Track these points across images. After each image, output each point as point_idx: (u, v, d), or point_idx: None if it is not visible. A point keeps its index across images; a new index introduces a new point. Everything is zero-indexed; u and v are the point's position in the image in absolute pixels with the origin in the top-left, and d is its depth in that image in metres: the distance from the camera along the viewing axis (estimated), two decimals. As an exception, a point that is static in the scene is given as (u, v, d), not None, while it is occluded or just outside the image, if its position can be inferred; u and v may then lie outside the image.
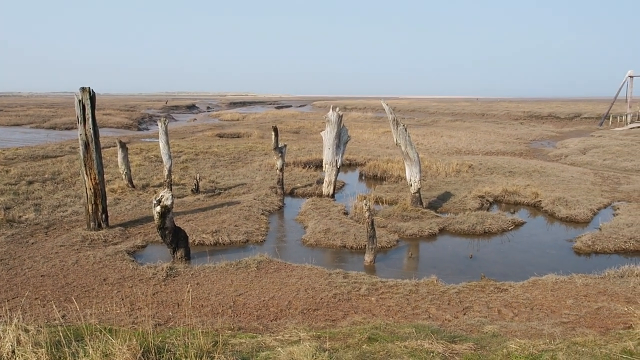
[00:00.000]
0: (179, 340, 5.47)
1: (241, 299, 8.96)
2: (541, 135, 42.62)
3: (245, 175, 22.38)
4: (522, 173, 22.45)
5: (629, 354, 5.58)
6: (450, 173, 22.38)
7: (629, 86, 52.84)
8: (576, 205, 16.29)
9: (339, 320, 8.02)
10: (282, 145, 19.45)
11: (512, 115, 66.55)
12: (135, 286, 9.51)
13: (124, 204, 16.71)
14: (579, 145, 32.38)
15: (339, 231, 13.54)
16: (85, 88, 13.18)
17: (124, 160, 19.10)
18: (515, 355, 5.66)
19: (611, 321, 7.80)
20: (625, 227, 13.65)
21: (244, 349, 5.80)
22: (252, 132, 42.10)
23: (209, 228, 13.66)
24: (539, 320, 7.99)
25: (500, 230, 14.33)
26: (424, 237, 13.80)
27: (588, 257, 12.25)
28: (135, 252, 12.06)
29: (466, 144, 34.21)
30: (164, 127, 18.33)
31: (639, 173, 23.25)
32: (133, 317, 7.91)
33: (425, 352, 5.79)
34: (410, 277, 10.27)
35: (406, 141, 15.91)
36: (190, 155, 27.64)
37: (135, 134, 47.03)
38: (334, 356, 5.60)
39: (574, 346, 5.89)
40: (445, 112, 77.63)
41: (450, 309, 8.59)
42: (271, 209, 16.63)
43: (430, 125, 53.26)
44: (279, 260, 11.20)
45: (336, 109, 18.59)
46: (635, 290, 9.20)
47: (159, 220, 10.86)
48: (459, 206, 16.74)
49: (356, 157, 27.35)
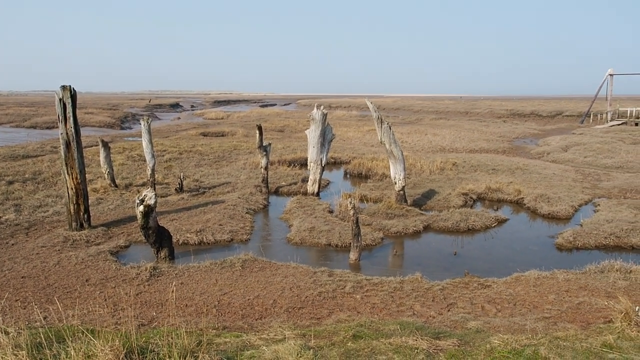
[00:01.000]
0: (163, 341, 5.43)
1: (226, 298, 8.92)
2: (524, 133, 43.06)
3: (229, 174, 22.28)
4: (505, 170, 22.66)
5: (609, 348, 5.67)
6: (434, 171, 22.52)
7: (609, 84, 53.60)
8: (558, 202, 16.49)
9: (324, 318, 8.02)
10: (267, 144, 19.41)
11: (496, 114, 67.15)
12: (118, 286, 9.42)
13: (107, 203, 16.54)
14: (561, 143, 32.77)
15: (324, 229, 13.55)
16: (66, 86, 13.01)
17: (107, 159, 18.90)
18: (499, 351, 5.72)
19: (592, 316, 7.91)
20: (606, 223, 13.85)
21: (228, 348, 5.78)
22: (236, 131, 41.93)
23: (193, 227, 13.58)
24: (521, 315, 8.08)
25: (484, 227, 14.45)
26: (408, 234, 13.87)
27: (569, 253, 12.41)
28: (118, 252, 11.95)
29: (450, 141, 34.44)
30: (147, 126, 18.17)
31: (618, 170, 23.61)
32: (116, 318, 7.83)
33: (410, 348, 5.82)
34: (395, 274, 10.31)
35: (390, 139, 15.97)
36: (174, 154, 27.45)
37: (118, 132, 46.57)
38: (319, 354, 5.60)
39: (556, 341, 5.97)
40: (430, 111, 78.06)
41: (434, 306, 8.64)
42: (256, 207, 16.58)
43: (415, 123, 53.52)
44: (263, 259, 11.18)
45: (321, 107, 18.59)
46: (615, 285, 9.35)
47: (142, 220, 10.77)
48: (443, 203, 16.84)
49: (341, 156, 27.39)
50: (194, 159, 26.29)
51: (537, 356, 5.51)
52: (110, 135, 41.56)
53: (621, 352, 5.58)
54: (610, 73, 53.19)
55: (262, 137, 18.96)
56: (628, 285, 9.35)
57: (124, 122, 58.57)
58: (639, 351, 5.60)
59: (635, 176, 21.27)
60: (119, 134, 43.84)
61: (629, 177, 21.15)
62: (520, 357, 5.53)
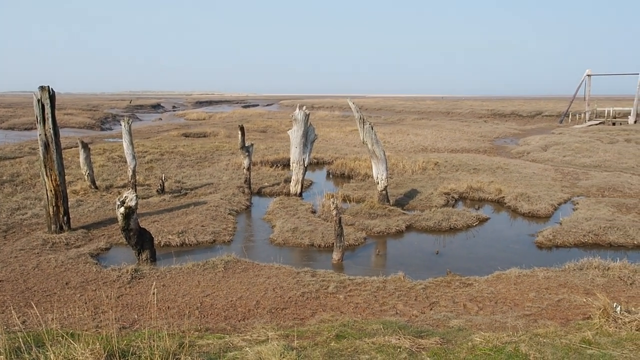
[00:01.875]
0: (145, 343, 5.38)
1: (208, 300, 8.87)
2: (504, 133, 43.53)
3: (212, 175, 22.16)
4: (486, 170, 22.89)
5: (588, 344, 5.77)
6: (416, 171, 22.65)
7: (587, 85, 54.49)
8: (538, 200, 16.71)
9: (307, 319, 8.02)
10: (249, 145, 19.35)
11: (477, 114, 67.80)
12: (99, 289, 9.31)
13: (87, 205, 16.33)
14: (540, 143, 33.19)
15: (307, 230, 13.55)
16: (44, 87, 12.83)
17: (87, 160, 18.67)
18: (480, 348, 5.77)
19: (571, 312, 8.04)
20: (584, 222, 14.07)
21: (211, 349, 5.75)
22: (218, 132, 41.71)
23: (175, 229, 13.48)
24: (502, 313, 8.17)
25: (466, 226, 14.58)
26: (391, 234, 13.94)
27: (549, 251, 12.58)
28: (98, 255, 11.81)
29: (432, 141, 34.68)
30: (127, 127, 17.99)
31: (596, 169, 23.99)
32: (97, 321, 7.74)
33: (393, 347, 5.85)
34: (377, 274, 10.35)
35: (373, 139, 16.03)
36: (156, 155, 27.21)
37: (98, 134, 46.03)
38: (302, 354, 5.60)
39: (536, 337, 6.05)
40: (412, 111, 78.52)
41: (417, 305, 8.69)
42: (238, 208, 16.52)
43: (397, 123, 53.80)
44: (246, 260, 11.14)
45: (303, 107, 18.59)
46: (594, 282, 9.51)
47: (123, 222, 10.66)
48: (425, 203, 16.96)
49: (323, 156, 27.41)
50: (176, 160, 26.09)
51: (517, 353, 5.57)
52: (90, 136, 41.04)
53: (599, 348, 5.67)
54: (588, 74, 54.07)
55: (244, 137, 18.90)
56: (606, 282, 9.52)
57: (104, 123, 57.90)
58: (616, 347, 5.70)
59: (613, 175, 21.64)
60: (99, 135, 43.33)
61: (606, 175, 21.51)
62: (501, 354, 5.59)
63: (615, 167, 24.13)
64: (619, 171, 22.91)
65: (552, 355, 5.51)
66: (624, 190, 18.63)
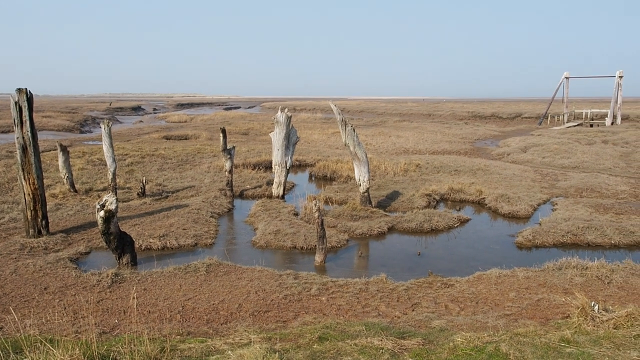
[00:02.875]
0: (125, 348, 5.33)
1: (190, 304, 8.81)
2: (485, 135, 43.98)
3: (193, 177, 22.02)
4: (467, 171, 23.10)
5: (566, 342, 5.85)
6: (398, 172, 22.78)
7: (565, 87, 55.31)
8: (518, 201, 16.91)
9: (290, 321, 8.01)
10: (231, 147, 19.27)
11: (457, 116, 68.39)
12: (78, 294, 9.19)
13: (66, 209, 16.10)
14: (520, 144, 33.61)
15: (289, 232, 13.53)
16: (21, 89, 12.64)
17: (65, 164, 18.42)
18: (461, 348, 5.83)
19: (550, 312, 8.15)
20: (563, 222, 14.28)
21: (192, 353, 5.71)
22: (200, 134, 41.46)
23: (156, 232, 13.37)
24: (483, 313, 8.25)
25: (447, 227, 14.70)
26: (373, 236, 13.98)
27: (529, 251, 12.74)
28: (78, 259, 11.65)
29: (413, 143, 34.90)
30: (107, 130, 17.79)
31: (575, 170, 24.37)
32: (76, 326, 7.63)
33: (375, 349, 5.87)
34: (360, 275, 10.39)
35: (354, 141, 16.08)
36: (136, 158, 26.94)
37: (77, 136, 45.43)
38: (284, 357, 5.59)
39: (516, 337, 6.12)
40: (393, 113, 78.90)
41: (399, 306, 8.74)
42: (220, 211, 16.44)
43: (379, 125, 54.02)
44: (228, 262, 11.09)
45: (285, 110, 18.59)
46: (573, 281, 9.65)
47: (103, 226, 10.54)
48: (407, 205, 17.05)
49: (306, 158, 27.41)
50: (157, 163, 25.87)
51: (498, 352, 5.64)
52: (69, 139, 40.50)
53: (578, 346, 5.76)
54: (566, 76, 54.91)
55: (226, 140, 18.82)
56: (584, 281, 9.67)
57: (83, 125, 57.16)
58: (594, 345, 5.80)
59: (591, 176, 22.00)
60: (79, 138, 42.79)
61: (584, 176, 21.86)
62: (482, 354, 5.65)
63: (593, 168, 24.54)
64: (596, 172, 23.31)
65: (532, 354, 5.59)
66: (602, 191, 18.96)
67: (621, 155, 27.82)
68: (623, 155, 27.84)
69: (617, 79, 51.53)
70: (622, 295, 8.99)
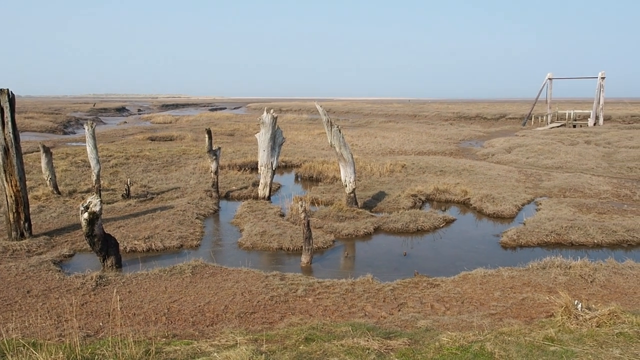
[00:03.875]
0: (110, 351, 5.28)
1: (176, 306, 8.75)
2: (470, 135, 44.29)
3: (178, 179, 21.88)
4: (452, 172, 23.25)
5: (550, 341, 5.91)
6: (384, 173, 22.85)
7: (548, 88, 55.94)
8: (502, 201, 17.06)
9: (276, 323, 8.00)
10: (217, 148, 19.20)
11: (443, 116, 68.81)
12: (62, 297, 9.08)
13: (49, 211, 15.91)
14: (505, 145, 33.91)
15: (276, 233, 13.51)
16: (3, 89, 12.47)
17: (48, 165, 18.20)
18: (447, 348, 5.86)
19: (535, 311, 8.23)
20: (547, 222, 14.43)
21: (178, 356, 5.67)
22: (185, 135, 41.22)
23: (141, 234, 13.26)
24: (469, 313, 8.31)
25: (433, 227, 14.78)
26: (359, 236, 14.01)
27: (514, 251, 12.86)
28: (62, 262, 11.52)
29: (399, 144, 35.04)
30: (91, 131, 17.61)
31: (558, 170, 24.65)
32: (60, 330, 7.54)
33: (362, 349, 5.88)
34: (346, 276, 10.40)
35: (340, 142, 16.10)
36: (121, 160, 26.71)
37: (60, 138, 44.92)
38: (271, 358, 5.58)
39: (501, 336, 6.17)
40: (379, 114, 79.17)
41: (385, 306, 8.77)
42: (206, 212, 16.35)
43: (365, 126, 54.16)
44: (214, 264, 11.03)
45: (271, 110, 18.55)
46: (556, 280, 9.76)
47: (87, 228, 10.43)
48: (393, 205, 17.11)
49: (292, 159, 27.39)
50: (142, 164, 25.67)
51: (483, 352, 5.68)
52: (52, 140, 40.04)
53: (562, 345, 5.82)
54: (549, 77, 55.54)
55: (211, 141, 18.74)
56: (568, 280, 9.79)
57: (66, 126, 56.51)
58: (578, 343, 5.87)
59: (574, 176, 22.27)
60: (62, 139, 42.31)
61: (567, 176, 22.12)
62: (468, 353, 5.69)
63: (576, 168, 24.85)
64: (579, 172, 23.60)
65: (517, 353, 5.63)
66: (584, 191, 19.19)
67: (603, 156, 28.20)
68: (605, 156, 28.23)
69: (599, 80, 52.23)
70: (605, 294, 9.11)
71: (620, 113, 60.16)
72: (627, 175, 22.98)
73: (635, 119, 55.90)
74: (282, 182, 22.25)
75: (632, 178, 22.22)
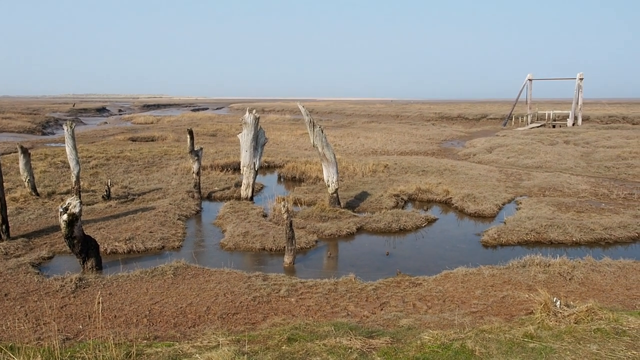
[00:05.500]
0: (89, 354, 5.23)
1: (157, 307, 8.68)
2: (451, 136, 44.64)
3: (160, 179, 21.70)
4: (434, 172, 23.41)
5: (530, 338, 5.99)
6: (366, 173, 22.92)
7: (528, 89, 56.66)
8: (483, 201, 17.23)
9: (258, 323, 7.98)
10: (199, 149, 19.08)
11: (425, 117, 69.24)
12: (41, 300, 8.95)
13: (27, 213, 15.66)
14: (486, 145, 34.25)
15: (258, 234, 13.48)
16: (-21, 90, 12.25)
17: (27, 166, 17.92)
18: (429, 346, 5.90)
19: (515, 308, 8.33)
20: (527, 220, 14.61)
21: (159, 358, 5.63)
22: (167, 136, 40.89)
23: (122, 235, 13.13)
24: (450, 311, 8.38)
25: (415, 227, 14.86)
26: (342, 236, 14.04)
27: (494, 250, 12.99)
28: (40, 264, 11.35)
29: (382, 144, 35.17)
30: (70, 131, 17.39)
31: (538, 169, 24.97)
32: (39, 333, 7.44)
33: (344, 348, 5.90)
34: (329, 276, 10.41)
35: (323, 142, 16.11)
36: (101, 160, 26.40)
37: (39, 138, 44.26)
38: (253, 359, 5.57)
39: (482, 333, 6.24)
40: (362, 114, 79.41)
41: (368, 306, 8.80)
42: (188, 213, 16.25)
43: (347, 126, 54.26)
44: (196, 265, 10.96)
45: (253, 111, 18.50)
46: (536, 278, 9.89)
47: (66, 229, 10.30)
48: (376, 205, 17.18)
49: (274, 159, 27.34)
50: (123, 165, 25.41)
51: (464, 349, 5.73)
52: (30, 141, 39.42)
53: (541, 341, 5.91)
54: (529, 78, 56.24)
55: (193, 141, 18.63)
56: (547, 278, 9.92)
57: (45, 127, 55.68)
58: (556, 340, 5.95)
59: (553, 175, 22.58)
60: (41, 140, 41.68)
61: (547, 176, 22.42)
62: (449, 351, 5.74)
63: (555, 167, 25.19)
64: (558, 171, 23.93)
65: (497, 350, 5.70)
66: (564, 190, 19.47)
67: (582, 155, 28.65)
68: (584, 155, 28.69)
69: (577, 81, 53.03)
70: (583, 291, 9.26)
71: (598, 113, 61.23)
72: (605, 174, 23.37)
73: (612, 119, 56.91)
74: (265, 183, 22.20)
75: (609, 177, 22.60)
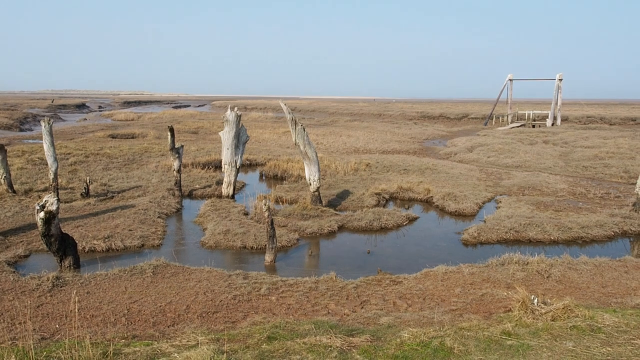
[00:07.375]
0: (65, 354, 5.15)
1: (136, 306, 8.58)
2: (433, 135, 44.94)
3: (140, 177, 21.47)
4: (415, 170, 23.54)
5: (508, 335, 6.06)
6: (348, 172, 22.96)
7: (509, 89, 57.30)
8: (464, 199, 17.38)
9: (239, 322, 7.94)
10: (180, 146, 18.92)
11: (407, 116, 69.60)
12: (16, 299, 8.78)
13: (3, 210, 15.37)
14: (467, 144, 34.54)
15: (239, 232, 13.41)
16: (-46, 84, 11.99)
17: (3, 163, 17.58)
18: (408, 344, 5.93)
19: (494, 306, 8.41)
20: (506, 219, 14.77)
21: (137, 357, 5.57)
22: (147, 133, 40.47)
23: (100, 234, 12.96)
24: (430, 309, 8.43)
25: (396, 225, 14.93)
26: (323, 235, 14.04)
27: (474, 248, 13.11)
28: (16, 263, 11.16)
29: (364, 143, 35.26)
30: (48, 127, 17.11)
31: (518, 169, 25.26)
32: (13, 333, 7.30)
33: (324, 347, 5.90)
34: (310, 274, 10.41)
35: (305, 141, 16.09)
36: (80, 157, 26.03)
37: (16, 134, 43.49)
38: (232, 358, 5.54)
39: (461, 331, 6.29)
40: (344, 112, 79.52)
41: (348, 304, 8.81)
42: (168, 211, 16.11)
43: (330, 125, 54.30)
44: (176, 264, 10.87)
45: (234, 108, 18.40)
46: (514, 276, 10.00)
47: (43, 227, 10.13)
48: (357, 203, 17.21)
49: (256, 157, 27.25)
50: (102, 162, 25.08)
51: (443, 347, 5.77)
52: (7, 137, 38.71)
53: (518, 339, 5.98)
54: (510, 78, 56.86)
55: (174, 138, 18.46)
56: (525, 276, 10.04)
57: (23, 123, 54.72)
58: (533, 337, 6.03)
59: (532, 174, 22.87)
60: (18, 136, 40.96)
61: (526, 175, 22.70)
62: (428, 348, 5.77)
63: (535, 167, 25.51)
64: (537, 171, 24.25)
65: (475, 347, 5.75)
66: (542, 189, 19.73)
67: (560, 155, 29.07)
68: (562, 155, 29.11)
69: (557, 81, 53.77)
70: (560, 289, 9.39)
71: (577, 114, 62.16)
72: (582, 174, 23.74)
73: (590, 119, 57.88)
74: (247, 181, 22.11)
75: (586, 177, 22.97)
